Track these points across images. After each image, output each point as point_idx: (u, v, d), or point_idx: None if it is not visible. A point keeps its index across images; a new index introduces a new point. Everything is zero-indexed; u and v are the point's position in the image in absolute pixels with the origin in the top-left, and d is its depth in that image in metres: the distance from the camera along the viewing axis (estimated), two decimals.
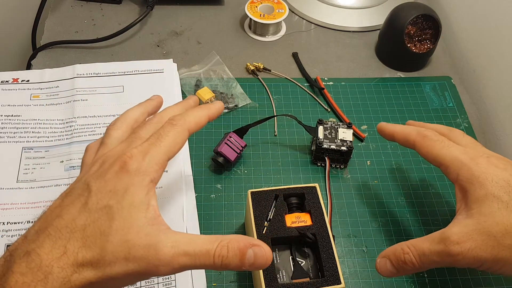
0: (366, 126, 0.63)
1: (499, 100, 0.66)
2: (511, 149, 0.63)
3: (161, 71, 0.65)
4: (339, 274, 0.43)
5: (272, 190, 0.48)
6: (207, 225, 0.53)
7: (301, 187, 0.48)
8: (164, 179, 0.54)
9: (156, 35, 0.73)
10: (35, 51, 0.70)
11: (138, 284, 0.47)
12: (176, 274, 0.47)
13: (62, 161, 0.55)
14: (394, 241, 0.52)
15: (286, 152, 0.60)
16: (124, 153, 0.38)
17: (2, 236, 0.49)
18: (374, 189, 0.57)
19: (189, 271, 0.48)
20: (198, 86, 0.65)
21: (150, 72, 0.65)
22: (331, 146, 0.56)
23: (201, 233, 0.51)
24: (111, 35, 0.70)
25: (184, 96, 0.64)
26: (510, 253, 0.37)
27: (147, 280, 0.47)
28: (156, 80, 0.64)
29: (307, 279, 0.43)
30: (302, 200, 0.48)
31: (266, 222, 0.46)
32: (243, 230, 0.52)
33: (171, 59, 0.67)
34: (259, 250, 0.35)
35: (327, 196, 0.55)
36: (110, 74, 0.64)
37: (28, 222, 0.50)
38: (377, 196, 0.56)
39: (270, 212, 0.46)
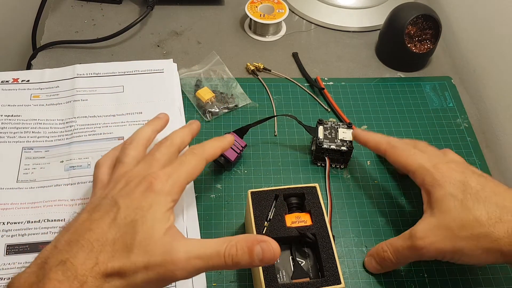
0: (366, 126, 0.63)
1: (499, 100, 0.66)
2: (511, 149, 0.63)
3: (161, 71, 0.65)
4: (339, 274, 0.43)
5: (272, 190, 0.48)
6: (207, 225, 0.53)
7: (301, 187, 0.48)
8: None
9: (156, 35, 0.73)
10: (35, 51, 0.70)
11: None
12: None
13: (62, 161, 0.55)
14: None
15: (286, 152, 0.60)
16: (150, 174, 0.43)
17: (2, 236, 0.49)
18: (374, 189, 0.57)
19: None
20: (198, 86, 0.65)
21: (150, 72, 0.65)
22: (331, 146, 0.56)
23: (201, 233, 0.51)
24: (111, 35, 0.70)
25: (184, 96, 0.64)
26: (466, 244, 0.42)
27: None
28: (156, 80, 0.64)
29: (307, 279, 0.43)
30: (302, 200, 0.48)
31: (266, 222, 0.46)
32: (243, 230, 0.52)
33: (171, 59, 0.67)
34: (266, 246, 0.38)
35: (327, 196, 0.55)
36: (110, 74, 0.64)
37: (28, 222, 0.50)
38: (377, 196, 0.56)
39: (270, 212, 0.46)
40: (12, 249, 0.48)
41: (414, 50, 0.68)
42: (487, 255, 0.42)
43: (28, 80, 0.63)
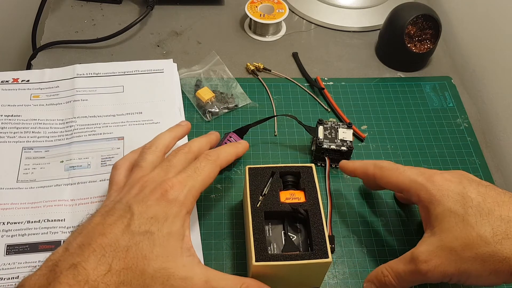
0: (366, 126, 0.63)
1: (499, 100, 0.66)
2: (511, 149, 0.63)
3: (161, 71, 0.65)
4: (327, 249, 0.44)
5: (269, 167, 0.49)
6: (207, 225, 0.53)
7: (297, 166, 0.50)
8: None
9: (156, 35, 0.73)
10: (35, 51, 0.70)
11: None
12: None
13: (62, 161, 0.55)
14: (394, 241, 0.52)
15: (286, 152, 0.60)
16: (165, 181, 0.42)
17: (2, 236, 0.49)
18: None
19: None
20: (198, 86, 0.65)
21: (150, 72, 0.65)
22: (331, 146, 0.56)
23: (201, 233, 0.51)
24: (111, 35, 0.70)
25: (184, 96, 0.64)
26: (472, 265, 0.39)
27: None
28: (156, 80, 0.64)
29: (297, 253, 0.44)
30: (298, 178, 0.49)
31: (261, 197, 0.47)
32: (241, 209, 0.52)
33: (171, 59, 0.67)
34: None
35: (327, 196, 0.55)
36: (110, 74, 0.64)
37: (28, 222, 0.50)
38: (377, 196, 0.56)
39: (265, 188, 0.48)
40: (12, 249, 0.48)
41: (414, 50, 0.68)
42: (496, 276, 0.39)
43: (28, 80, 0.63)
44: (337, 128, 0.57)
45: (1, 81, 0.62)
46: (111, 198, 0.43)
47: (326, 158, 0.57)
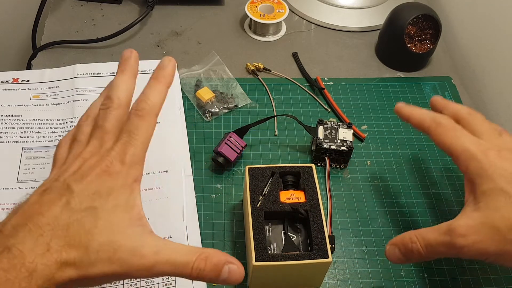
0: (366, 126, 0.63)
1: (499, 100, 0.66)
2: None
3: None
4: (327, 249, 0.44)
5: (269, 167, 0.49)
6: (207, 225, 0.53)
7: (297, 166, 0.50)
8: (164, 179, 0.54)
9: (156, 35, 0.73)
10: (35, 51, 0.70)
11: (138, 284, 0.47)
12: None
13: None
14: None
15: (286, 152, 0.60)
16: (103, 157, 0.38)
17: None
18: (374, 189, 0.57)
19: None
20: (198, 86, 0.65)
21: (150, 72, 0.65)
22: (331, 146, 0.56)
23: (201, 233, 0.51)
24: (111, 35, 0.70)
25: (184, 96, 0.64)
26: None
27: (147, 280, 0.47)
28: None
29: (297, 253, 0.44)
30: (298, 178, 0.49)
31: (261, 197, 0.47)
32: (241, 209, 0.52)
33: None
34: (234, 268, 0.37)
35: (327, 196, 0.55)
36: (110, 74, 0.64)
37: None
38: (377, 196, 0.56)
39: (265, 188, 0.48)
40: None
41: (414, 50, 0.68)
42: None
43: (28, 80, 0.63)
44: (337, 128, 0.57)
45: (1, 81, 0.62)
46: (50, 176, 0.39)
47: (326, 158, 0.57)
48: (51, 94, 0.62)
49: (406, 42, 0.67)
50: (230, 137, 0.56)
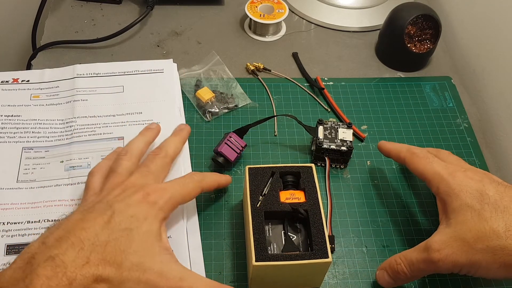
0: (366, 126, 0.63)
1: (499, 100, 0.66)
2: (511, 149, 0.63)
3: (161, 71, 0.65)
4: (327, 249, 0.44)
5: (269, 167, 0.49)
6: (207, 225, 0.53)
7: (297, 166, 0.50)
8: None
9: (156, 35, 0.73)
10: (35, 51, 0.70)
11: None
12: None
13: (62, 161, 0.55)
14: (394, 241, 0.52)
15: (286, 152, 0.60)
16: (147, 185, 0.44)
17: (2, 236, 0.49)
18: (374, 189, 0.57)
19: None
20: (198, 86, 0.65)
21: (150, 72, 0.65)
22: (331, 146, 0.56)
23: (201, 233, 0.51)
24: (111, 35, 0.70)
25: (184, 96, 0.64)
26: (482, 256, 0.41)
27: None
28: (157, 80, 0.64)
29: (297, 253, 0.44)
30: (298, 178, 0.49)
31: (261, 197, 0.47)
32: (241, 209, 0.52)
33: (171, 59, 0.67)
34: None
35: (327, 196, 0.55)
36: (110, 74, 0.64)
37: (28, 222, 0.50)
38: (377, 196, 0.56)
39: (265, 188, 0.48)
40: (12, 249, 0.48)
41: (414, 50, 0.68)
42: (505, 269, 0.41)
43: (28, 80, 0.63)
44: (337, 128, 0.57)
45: (1, 81, 0.62)
46: (89, 200, 0.44)
47: (326, 158, 0.57)
48: (51, 94, 0.62)
49: (406, 42, 0.67)
50: (230, 137, 0.56)
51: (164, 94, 0.63)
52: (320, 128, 0.57)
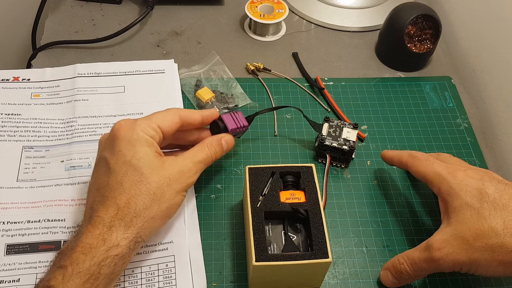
0: (366, 126, 0.63)
1: (499, 100, 0.66)
2: (511, 149, 0.63)
3: (162, 71, 0.65)
4: (327, 249, 0.44)
5: (269, 167, 0.50)
6: (207, 225, 0.53)
7: (297, 166, 0.50)
8: None
9: (156, 35, 0.73)
10: (35, 51, 0.70)
11: (138, 282, 0.47)
12: (176, 274, 0.47)
13: (63, 161, 0.55)
14: (394, 241, 0.52)
15: (286, 152, 0.60)
16: (114, 124, 0.47)
17: (2, 235, 0.49)
18: (374, 189, 0.57)
19: (189, 270, 0.48)
20: (198, 86, 0.65)
21: (151, 72, 0.65)
22: (333, 144, 0.56)
23: (201, 233, 0.51)
24: (111, 35, 0.70)
25: (184, 96, 0.64)
26: (481, 254, 0.42)
27: (147, 278, 0.47)
28: (158, 80, 0.64)
29: (297, 253, 0.44)
30: (298, 178, 0.49)
31: (261, 197, 0.47)
32: (241, 209, 0.52)
33: (172, 60, 0.67)
34: (226, 139, 0.52)
35: (323, 192, 0.54)
36: (111, 74, 0.64)
37: (29, 221, 0.50)
38: (377, 196, 0.56)
39: (265, 188, 0.48)
40: (12, 249, 0.48)
41: (414, 50, 0.68)
42: (504, 267, 0.41)
43: (29, 79, 0.63)
44: (342, 127, 0.57)
45: (2, 80, 0.62)
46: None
47: (327, 155, 0.57)
48: (52, 93, 0.62)
49: (406, 42, 0.67)
50: (237, 112, 0.55)
51: (165, 95, 0.63)
52: (325, 125, 0.57)
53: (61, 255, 0.41)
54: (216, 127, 0.55)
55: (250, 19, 0.73)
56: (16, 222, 0.50)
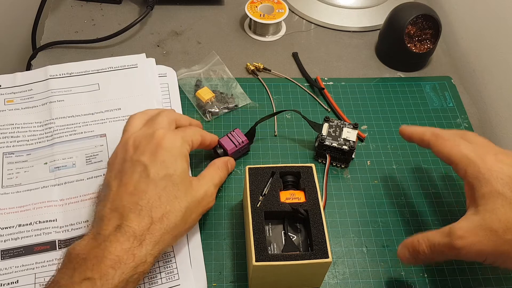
0: (366, 126, 0.63)
1: (499, 100, 0.66)
2: (511, 149, 0.63)
3: (135, 66, 0.64)
4: (327, 249, 0.44)
5: (269, 167, 0.49)
6: (207, 225, 0.52)
7: (297, 166, 0.50)
8: None
9: (156, 35, 0.73)
10: (35, 51, 0.69)
11: (142, 280, 0.46)
12: (179, 275, 0.48)
13: (46, 163, 0.55)
14: (394, 241, 0.52)
15: (286, 152, 0.60)
16: (155, 131, 0.46)
17: None
18: (374, 189, 0.57)
19: (191, 271, 0.48)
20: (198, 86, 0.65)
21: (124, 68, 0.65)
22: (333, 144, 0.56)
23: (201, 233, 0.51)
24: (111, 35, 0.70)
25: (184, 96, 0.64)
26: (511, 248, 0.39)
27: (149, 276, 0.47)
28: (131, 75, 0.63)
29: (297, 253, 0.44)
30: (298, 178, 0.49)
31: (261, 197, 0.47)
32: (241, 209, 0.52)
33: (144, 54, 0.66)
34: (230, 162, 0.55)
35: (323, 192, 0.54)
36: (84, 73, 0.64)
37: (20, 225, 0.50)
38: (377, 196, 0.56)
39: (265, 188, 0.48)
40: (7, 254, 0.48)
41: (414, 50, 0.68)
42: None
43: (0, 85, 0.62)
44: (342, 127, 0.57)
45: None
46: (115, 163, 0.46)
47: (327, 155, 0.57)
48: (26, 97, 0.61)
49: (406, 42, 0.67)
50: (233, 131, 0.57)
51: (141, 88, 0.62)
52: (325, 125, 0.57)
53: (83, 260, 0.39)
54: (216, 153, 0.56)
55: (250, 19, 0.73)
56: (7, 228, 0.49)
